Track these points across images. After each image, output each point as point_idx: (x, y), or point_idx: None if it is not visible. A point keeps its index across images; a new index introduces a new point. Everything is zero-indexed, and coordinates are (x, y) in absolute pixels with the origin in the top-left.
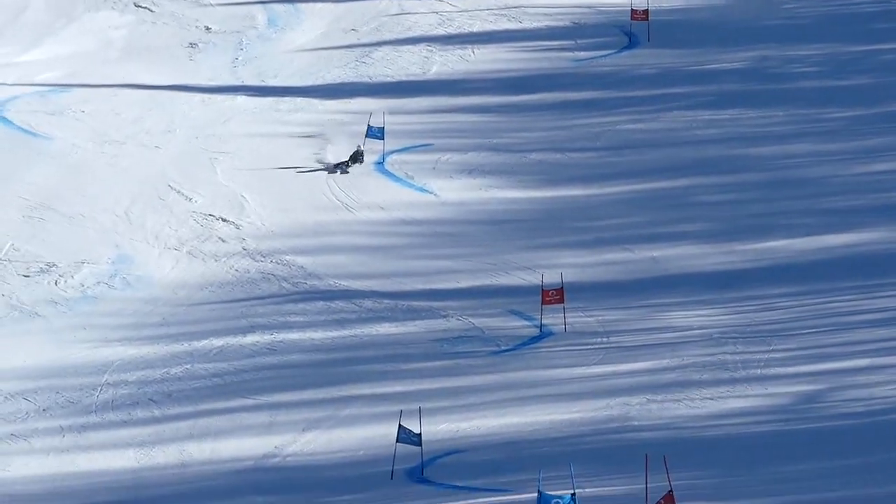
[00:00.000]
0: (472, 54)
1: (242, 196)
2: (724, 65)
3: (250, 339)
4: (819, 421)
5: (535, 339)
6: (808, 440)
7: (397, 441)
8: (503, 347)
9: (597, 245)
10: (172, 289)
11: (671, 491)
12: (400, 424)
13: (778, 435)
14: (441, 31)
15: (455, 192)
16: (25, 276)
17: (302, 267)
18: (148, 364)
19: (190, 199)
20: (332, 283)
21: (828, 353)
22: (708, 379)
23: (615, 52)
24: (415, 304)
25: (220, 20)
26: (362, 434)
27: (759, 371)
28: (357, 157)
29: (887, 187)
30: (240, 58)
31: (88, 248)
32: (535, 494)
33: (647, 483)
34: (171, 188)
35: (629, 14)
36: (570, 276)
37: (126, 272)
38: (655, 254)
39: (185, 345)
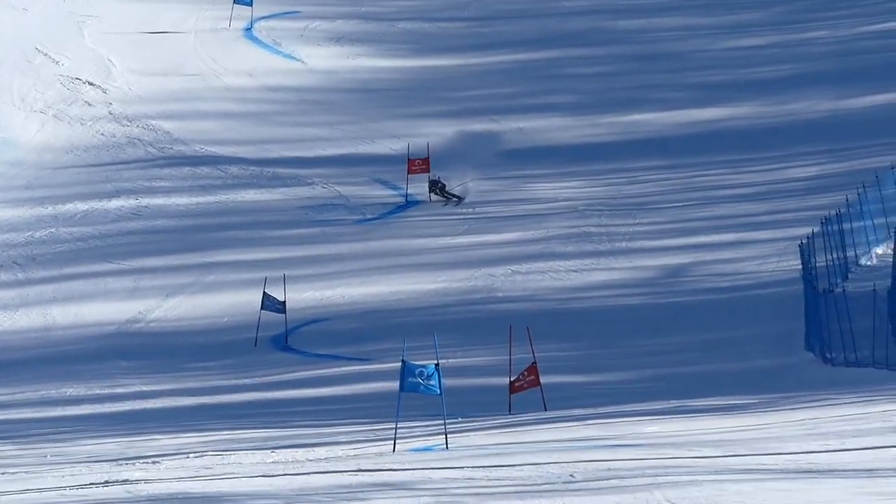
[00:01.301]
0: None
1: (109, 60)
2: None
3: (115, 203)
4: (683, 295)
5: (400, 209)
6: (672, 314)
7: (262, 308)
8: (368, 216)
9: (463, 115)
10: (38, 152)
11: (535, 362)
12: (264, 292)
13: (642, 308)
14: None
15: (323, 59)
16: None
17: (168, 132)
18: (12, 227)
19: (57, 63)
20: (198, 148)
21: (693, 228)
22: (573, 251)
23: None
24: (280, 171)
25: None
26: (227, 300)
27: (623, 244)
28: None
29: (755, 62)
30: None
31: None
32: (399, 364)
33: (510, 354)
34: (38, 51)
35: None
36: (436, 145)
37: None
38: (522, 125)
39: (50, 208)
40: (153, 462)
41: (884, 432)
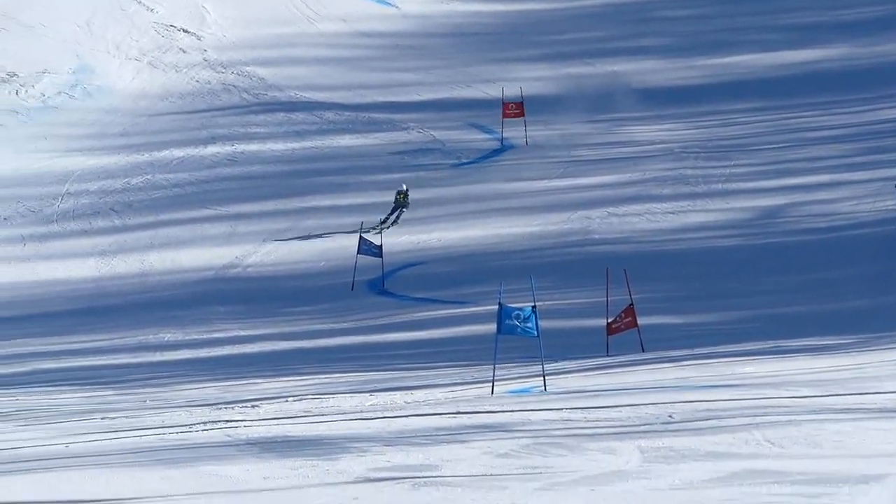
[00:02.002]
0: None
1: (203, 7)
2: None
3: (211, 150)
4: (779, 236)
5: (495, 153)
6: (768, 255)
7: (358, 253)
8: (464, 160)
9: (557, 59)
10: (133, 99)
11: (632, 304)
12: (361, 236)
13: (737, 250)
14: None
15: (417, 4)
16: None
17: (262, 79)
18: (109, 174)
19: (151, 10)
20: (292, 94)
21: (789, 169)
22: (669, 193)
23: None
24: (375, 116)
25: None
26: (323, 245)
27: (719, 186)
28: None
29: (847, 4)
30: None
31: (49, 58)
32: (496, 307)
33: (607, 296)
34: None
35: None
36: (530, 89)
37: (87, 82)
38: (616, 68)
39: (146, 155)
40: (252, 406)
41: None
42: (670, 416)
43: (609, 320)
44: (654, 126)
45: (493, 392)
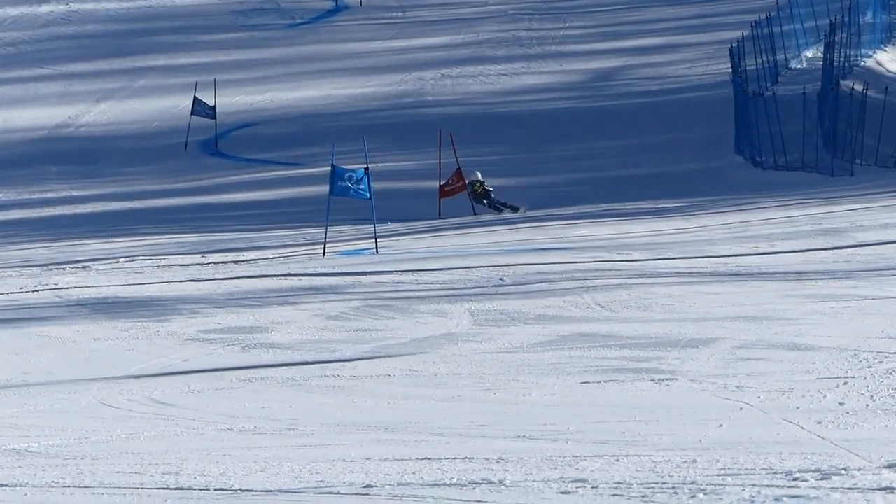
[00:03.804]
0: None
1: None
2: None
3: (45, 8)
4: (612, 99)
5: (330, 13)
6: (601, 118)
7: (192, 113)
8: (299, 20)
9: None
10: None
11: (459, 167)
12: (195, 97)
13: (571, 112)
14: None
15: None
16: None
17: None
18: None
19: None
20: None
21: (623, 31)
22: (503, 55)
23: None
24: None
25: None
26: (157, 105)
27: (553, 48)
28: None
29: None
30: None
31: None
32: (329, 168)
33: (440, 159)
34: None
35: None
36: None
37: None
38: None
39: None
40: (83, 267)
41: (812, 235)
42: (501, 280)
43: (441, 182)
44: None
45: (324, 254)
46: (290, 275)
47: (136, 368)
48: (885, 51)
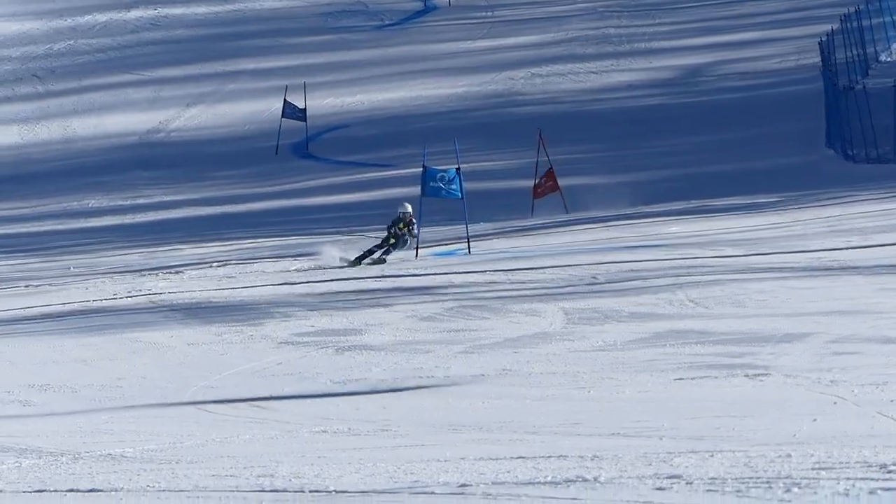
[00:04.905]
0: None
1: None
2: None
3: (134, 14)
4: (703, 95)
5: (419, 14)
6: (691, 114)
7: (282, 116)
8: (388, 22)
9: None
10: None
11: (551, 167)
12: (285, 99)
13: (661, 108)
14: None
15: None
16: None
17: None
18: (31, 40)
19: None
20: None
21: (713, 27)
22: (592, 53)
23: None
24: None
25: None
26: (247, 109)
27: (643, 45)
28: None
29: None
30: None
31: None
32: (420, 169)
33: (537, 157)
34: None
35: None
36: None
37: None
38: None
39: (69, 20)
40: (176, 272)
41: None
42: (594, 278)
43: (535, 182)
44: None
45: (417, 255)
46: (383, 276)
47: (231, 372)
48: None
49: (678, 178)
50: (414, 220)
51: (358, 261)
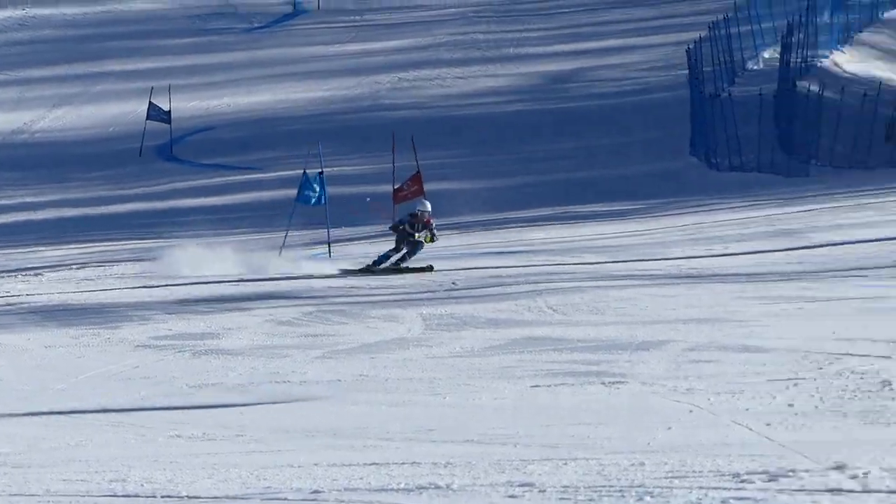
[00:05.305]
0: None
1: None
2: None
3: (1, 14)
4: (570, 101)
5: (289, 17)
6: (558, 120)
7: (147, 118)
8: (257, 25)
9: None
10: None
11: (419, 172)
12: (150, 101)
13: (527, 115)
14: None
15: None
16: None
17: None
18: None
19: None
20: None
21: (581, 34)
22: (460, 58)
23: None
24: None
25: None
26: (113, 110)
27: (511, 50)
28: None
29: None
30: None
31: None
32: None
33: (394, 162)
34: None
35: None
36: None
37: None
38: None
39: None
40: (35, 274)
41: (766, 237)
42: (454, 284)
43: (396, 187)
44: None
45: (280, 255)
46: (241, 280)
47: (87, 376)
48: (843, 51)
49: (542, 184)
50: (432, 221)
51: (374, 265)
